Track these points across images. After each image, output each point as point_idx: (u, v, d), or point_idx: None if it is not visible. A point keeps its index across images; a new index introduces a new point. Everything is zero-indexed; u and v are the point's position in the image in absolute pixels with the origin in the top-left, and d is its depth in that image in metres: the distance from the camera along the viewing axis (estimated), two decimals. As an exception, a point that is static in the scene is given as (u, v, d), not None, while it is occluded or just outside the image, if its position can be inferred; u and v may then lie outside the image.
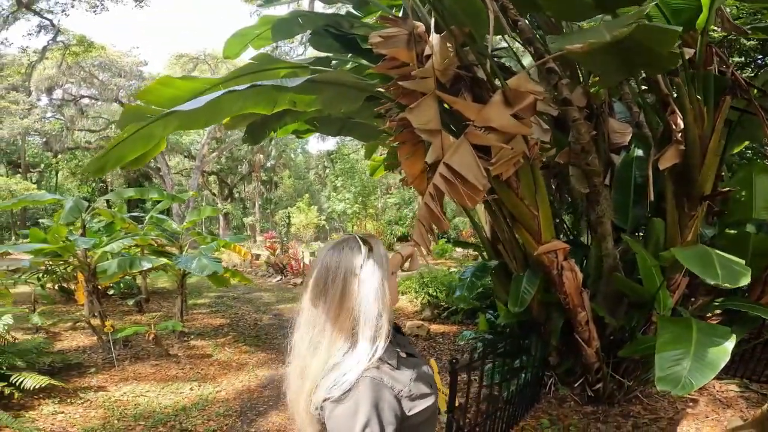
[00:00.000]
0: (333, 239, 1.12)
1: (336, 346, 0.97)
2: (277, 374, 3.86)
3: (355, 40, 2.97)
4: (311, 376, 0.97)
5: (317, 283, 1.02)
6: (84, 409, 2.97)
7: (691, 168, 2.94)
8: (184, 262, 4.30)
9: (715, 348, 1.90)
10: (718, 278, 2.01)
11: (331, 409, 0.92)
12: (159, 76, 18.78)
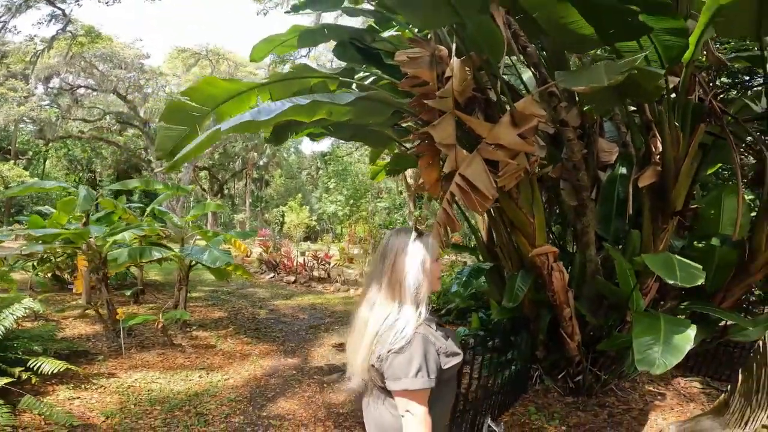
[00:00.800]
0: (398, 228, 1.40)
1: (387, 307, 1.25)
2: (280, 364, 3.98)
3: (378, 55, 3.16)
4: (370, 330, 1.24)
5: (380, 256, 1.32)
6: (99, 395, 3.05)
7: (665, 186, 3.23)
8: (196, 254, 4.37)
9: (680, 336, 2.18)
10: (677, 279, 2.31)
11: (391, 359, 1.18)
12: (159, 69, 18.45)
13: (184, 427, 2.66)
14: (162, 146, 2.96)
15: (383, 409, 1.32)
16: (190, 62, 16.99)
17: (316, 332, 5.20)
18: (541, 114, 2.70)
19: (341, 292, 8.05)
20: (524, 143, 2.69)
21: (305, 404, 3.11)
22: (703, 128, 3.17)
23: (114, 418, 2.68)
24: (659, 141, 3.25)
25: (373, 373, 1.26)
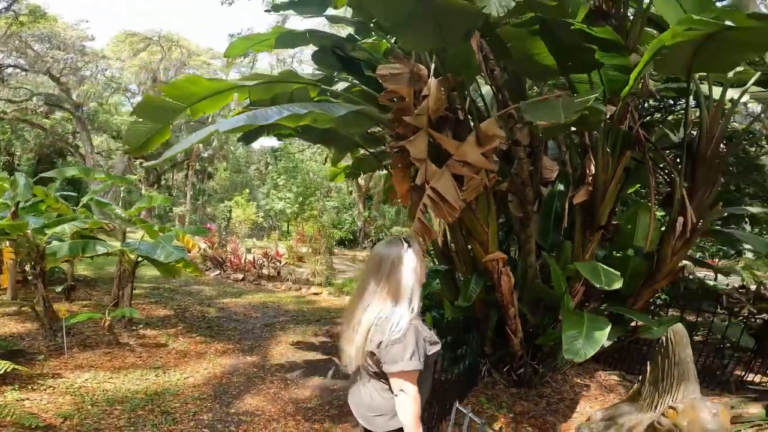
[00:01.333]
0: (391, 237, 1.59)
1: (384, 305, 1.47)
2: (239, 363, 3.93)
3: (359, 66, 3.26)
4: (364, 324, 1.46)
5: (375, 266, 1.52)
6: (49, 396, 2.83)
7: (594, 204, 3.69)
8: (146, 249, 4.15)
9: (598, 331, 2.59)
10: (602, 283, 2.73)
11: (390, 346, 1.40)
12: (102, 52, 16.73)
13: (152, 426, 2.58)
14: (131, 140, 2.85)
15: (374, 392, 1.53)
16: (139, 47, 15.66)
17: (272, 331, 5.16)
18: (502, 136, 2.99)
19: (293, 291, 7.98)
20: (486, 161, 2.97)
21: (272, 400, 3.14)
22: (629, 154, 3.67)
23: (73, 419, 2.53)
24: (593, 164, 3.71)
25: (368, 359, 1.47)
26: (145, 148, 2.99)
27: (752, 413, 3.23)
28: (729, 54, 2.78)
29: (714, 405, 2.16)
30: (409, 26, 2.21)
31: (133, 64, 15.65)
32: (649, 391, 2.71)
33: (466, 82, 2.82)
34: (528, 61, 2.73)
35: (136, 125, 2.81)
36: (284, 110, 2.22)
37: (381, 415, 1.52)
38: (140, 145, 2.87)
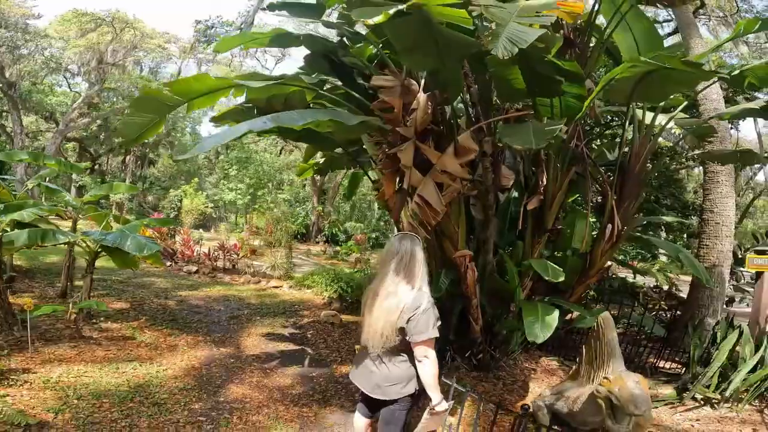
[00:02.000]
0: (400, 233, 1.89)
1: (407, 289, 1.81)
2: (214, 354, 3.94)
3: (350, 71, 3.41)
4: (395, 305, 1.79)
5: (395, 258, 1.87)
6: (28, 392, 2.69)
7: (543, 210, 4.17)
8: (115, 239, 3.97)
9: (550, 317, 3.03)
10: (549, 276, 3.21)
11: (417, 319, 1.75)
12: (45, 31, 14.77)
13: (147, 417, 2.58)
14: (126, 131, 2.79)
15: (391, 365, 1.87)
16: (89, 27, 14.10)
17: (239, 323, 5.15)
18: (476, 149, 3.33)
19: (252, 284, 7.87)
20: (463, 171, 3.30)
21: (257, 388, 3.23)
22: (573, 169, 4.20)
23: (64, 414, 2.45)
24: (545, 176, 4.20)
25: (397, 334, 1.79)
26: (138, 140, 2.92)
27: (665, 394, 3.88)
28: (663, 88, 3.37)
29: (636, 375, 2.66)
30: (415, 50, 2.44)
31: (78, 45, 14.09)
32: (586, 369, 3.19)
33: (451, 98, 3.10)
34: (504, 83, 3.08)
35: (132, 117, 2.76)
36: (306, 116, 2.36)
37: (396, 384, 1.85)
38: (134, 137, 2.81)
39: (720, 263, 4.96)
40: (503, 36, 2.04)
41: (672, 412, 3.54)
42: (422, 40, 2.30)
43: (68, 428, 2.34)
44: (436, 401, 1.82)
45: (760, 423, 3.30)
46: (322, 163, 5.59)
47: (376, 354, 1.86)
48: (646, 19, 4.14)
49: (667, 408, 3.62)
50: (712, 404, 3.58)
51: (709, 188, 5.08)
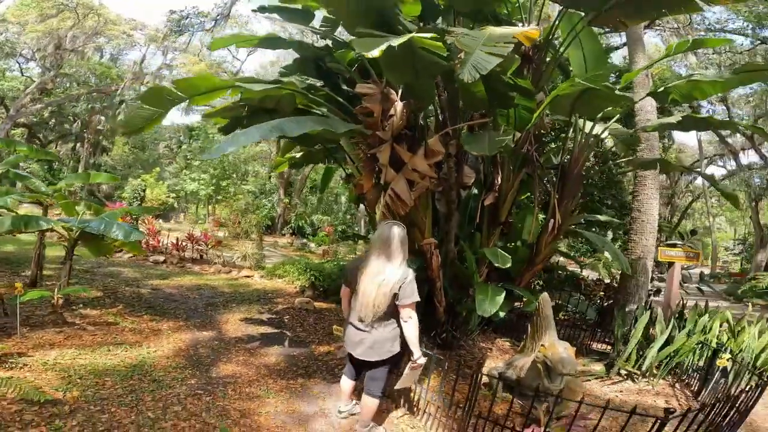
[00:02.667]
0: (387, 221, 2.32)
1: (393, 266, 2.29)
2: (198, 337, 4.14)
3: (336, 78, 3.72)
4: (383, 279, 2.27)
5: (384, 241, 2.33)
6: (31, 373, 2.79)
7: (498, 206, 4.70)
8: (100, 226, 4.03)
9: (498, 296, 3.54)
10: (499, 262, 3.74)
11: (405, 286, 2.25)
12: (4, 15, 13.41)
13: (150, 392, 2.79)
14: (132, 123, 3.00)
15: (383, 329, 2.34)
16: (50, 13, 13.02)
17: (216, 309, 5.32)
18: (443, 152, 3.77)
19: (223, 274, 7.94)
20: (431, 170, 3.73)
21: (245, 366, 3.50)
22: (524, 171, 4.76)
23: (72, 392, 2.60)
24: (499, 176, 4.72)
25: (385, 303, 2.27)
26: (141, 131, 3.08)
27: (596, 370, 4.53)
28: (595, 104, 3.96)
29: (565, 343, 3.23)
30: (397, 67, 2.80)
31: (36, 30, 13.04)
32: (530, 342, 3.75)
33: (424, 107, 3.50)
34: (469, 95, 3.54)
35: (139, 110, 2.95)
36: (304, 125, 2.66)
37: (386, 343, 2.34)
38: (138, 128, 2.99)
39: (644, 256, 5.73)
40: (469, 63, 2.45)
41: (601, 385, 4.13)
42: (403, 61, 2.67)
43: (80, 404, 2.52)
44: (417, 355, 2.28)
45: (671, 396, 3.91)
46: (299, 158, 5.82)
47: (368, 322, 2.28)
48: (595, 38, 4.76)
49: (597, 382, 4.20)
50: (633, 378, 4.19)
51: (638, 191, 5.85)
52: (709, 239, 23.58)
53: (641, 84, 5.84)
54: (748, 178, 22.72)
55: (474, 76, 2.37)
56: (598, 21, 4.28)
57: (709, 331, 4.27)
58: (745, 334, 4.23)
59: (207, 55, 16.13)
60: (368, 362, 2.39)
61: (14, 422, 2.23)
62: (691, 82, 4.15)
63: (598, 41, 4.97)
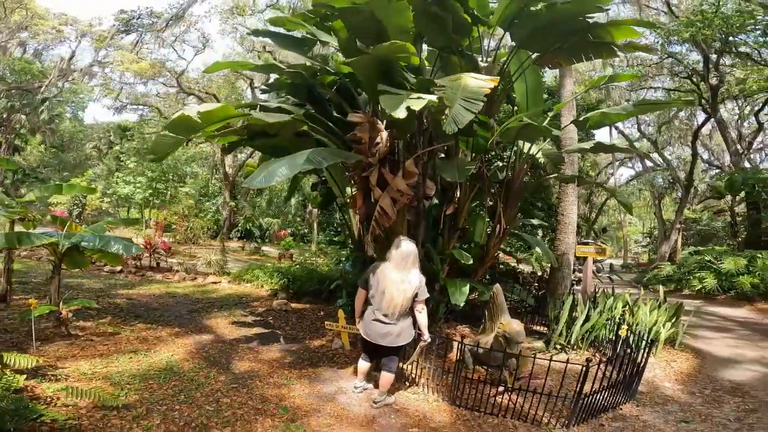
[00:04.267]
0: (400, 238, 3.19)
1: (413, 276, 3.24)
2: (201, 341, 4.65)
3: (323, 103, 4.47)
4: (407, 287, 3.20)
5: (407, 255, 3.26)
6: (80, 383, 3.07)
7: (457, 214, 5.77)
8: (95, 241, 4.36)
9: (464, 288, 4.60)
10: (463, 260, 4.79)
11: (421, 287, 3.23)
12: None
13: (194, 390, 3.29)
14: (158, 149, 3.51)
15: (403, 322, 3.23)
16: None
17: (201, 315, 5.76)
18: (416, 172, 4.71)
19: (188, 281, 8.18)
20: (408, 189, 4.65)
21: (256, 362, 4.13)
22: (477, 186, 5.88)
23: (129, 396, 3.00)
24: (458, 190, 5.80)
25: (409, 302, 3.17)
26: (165, 156, 3.58)
27: (537, 346, 5.76)
28: (533, 135, 5.16)
29: (516, 320, 4.35)
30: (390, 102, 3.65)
31: None
32: (489, 324, 4.84)
33: (403, 136, 4.42)
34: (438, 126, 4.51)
35: (163, 138, 3.46)
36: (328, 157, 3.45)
37: (407, 332, 3.26)
38: (164, 154, 3.51)
39: (567, 251, 7.20)
40: (450, 117, 3.40)
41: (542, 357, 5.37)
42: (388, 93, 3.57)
43: (146, 405, 2.96)
44: (427, 336, 3.23)
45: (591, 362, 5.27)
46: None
47: (394, 318, 3.16)
48: (537, 72, 6.02)
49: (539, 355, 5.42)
50: (565, 350, 5.48)
51: (562, 198, 7.32)
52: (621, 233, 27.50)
53: (568, 108, 7.31)
54: (653, 179, 27.03)
55: (454, 129, 3.32)
56: (541, 60, 5.55)
57: (614, 310, 5.73)
58: (640, 312, 5.76)
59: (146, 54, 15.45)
60: (391, 348, 3.25)
61: (107, 427, 2.61)
62: (603, 114, 5.55)
63: (539, 75, 6.29)
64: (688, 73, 18.66)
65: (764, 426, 3.60)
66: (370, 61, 3.70)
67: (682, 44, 16.50)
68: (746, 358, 5.63)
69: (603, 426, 3.41)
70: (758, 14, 13.18)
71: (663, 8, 18.13)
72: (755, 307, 10.09)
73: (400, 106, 3.19)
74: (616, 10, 19.80)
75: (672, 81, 21.84)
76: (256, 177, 3.25)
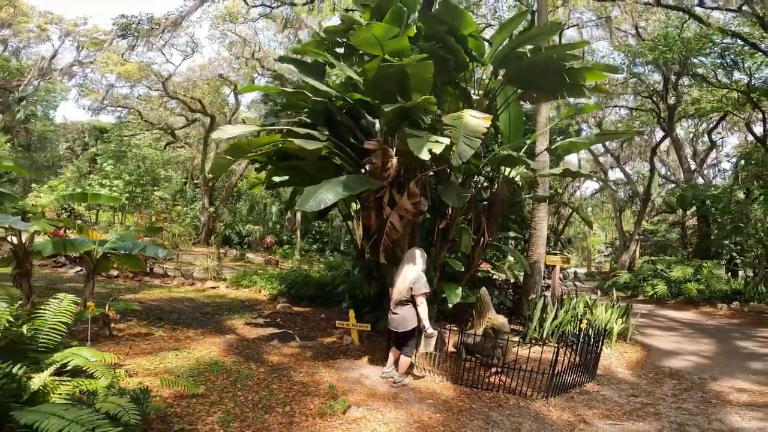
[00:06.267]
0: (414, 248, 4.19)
1: (412, 270, 4.28)
2: (227, 340, 5.36)
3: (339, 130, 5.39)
4: (405, 277, 4.29)
5: (412, 256, 4.44)
6: (150, 378, 3.64)
7: (448, 228, 6.78)
8: (134, 247, 5.03)
9: (457, 291, 5.64)
10: (457, 267, 5.80)
11: (417, 281, 4.23)
12: None
13: (245, 378, 3.99)
14: (216, 168, 4.33)
15: (406, 309, 4.23)
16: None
17: (215, 318, 6.44)
18: (418, 193, 5.68)
19: (188, 286, 8.74)
20: (413, 208, 5.61)
21: (282, 356, 4.91)
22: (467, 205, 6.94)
23: (198, 387, 3.67)
24: (450, 207, 6.82)
25: (406, 292, 4.18)
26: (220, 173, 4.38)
27: (515, 341, 6.85)
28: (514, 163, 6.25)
29: (501, 315, 5.39)
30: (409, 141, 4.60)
31: None
32: (478, 320, 5.86)
33: (409, 162, 5.38)
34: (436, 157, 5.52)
35: (221, 159, 4.29)
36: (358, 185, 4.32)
37: (406, 319, 4.16)
38: (221, 172, 4.32)
39: (538, 260, 8.41)
40: (456, 153, 4.39)
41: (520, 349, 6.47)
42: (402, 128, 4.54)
43: (215, 393, 3.65)
44: (427, 328, 4.12)
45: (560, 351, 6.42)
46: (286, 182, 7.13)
47: (395, 306, 4.09)
48: (518, 104, 7.15)
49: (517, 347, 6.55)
50: (539, 344, 6.61)
51: (534, 213, 8.54)
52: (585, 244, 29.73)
53: (543, 135, 8.54)
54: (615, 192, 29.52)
55: (459, 162, 4.32)
56: (522, 96, 6.69)
57: (576, 309, 6.93)
58: (597, 311, 6.99)
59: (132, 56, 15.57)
60: (400, 333, 4.17)
61: (195, 413, 3.24)
62: (571, 143, 6.77)
63: (520, 106, 7.45)
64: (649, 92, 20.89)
65: (692, 400, 4.78)
66: (399, 108, 4.66)
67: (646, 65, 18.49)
68: (686, 350, 6.96)
69: (573, 398, 4.48)
70: (716, 37, 15.07)
71: (631, 31, 20.31)
72: (700, 310, 11.76)
73: (423, 148, 4.15)
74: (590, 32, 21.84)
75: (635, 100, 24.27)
76: (307, 202, 4.08)
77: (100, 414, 2.39)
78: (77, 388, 2.75)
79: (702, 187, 20.18)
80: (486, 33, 19.61)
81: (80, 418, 2.29)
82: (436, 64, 5.50)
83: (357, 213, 7.22)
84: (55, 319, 3.33)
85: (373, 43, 4.84)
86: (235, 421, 3.28)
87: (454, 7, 5.75)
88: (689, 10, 15.39)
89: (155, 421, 3.10)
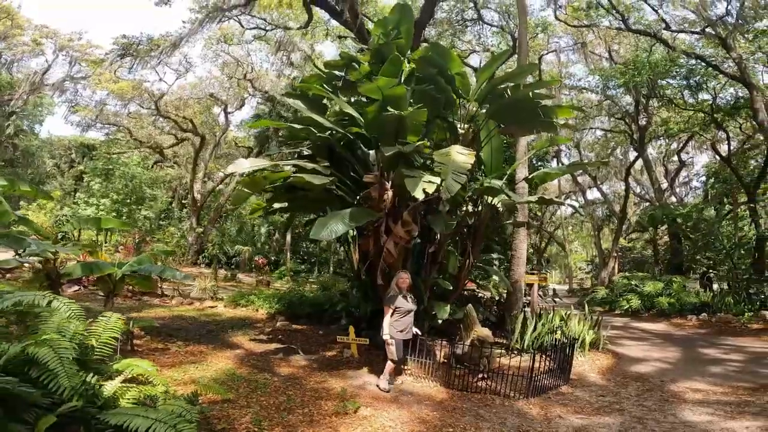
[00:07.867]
0: (401, 270, 5.03)
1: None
2: (239, 354, 5.98)
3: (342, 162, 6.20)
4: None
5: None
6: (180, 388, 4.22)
7: (438, 252, 7.60)
8: (158, 270, 5.67)
9: (446, 307, 6.47)
10: (446, 287, 6.62)
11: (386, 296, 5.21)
12: None
13: (265, 386, 4.63)
14: (237, 200, 5.07)
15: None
16: None
17: (220, 335, 7.03)
18: (410, 221, 6.50)
19: (187, 305, 9.24)
20: (406, 235, 6.42)
21: (291, 368, 5.55)
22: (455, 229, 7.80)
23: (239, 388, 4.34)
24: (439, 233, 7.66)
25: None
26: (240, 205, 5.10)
27: (499, 352, 7.68)
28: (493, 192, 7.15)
29: (486, 328, 6.18)
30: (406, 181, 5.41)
31: None
32: (465, 333, 6.64)
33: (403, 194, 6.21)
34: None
35: (241, 192, 5.02)
36: (361, 217, 5.08)
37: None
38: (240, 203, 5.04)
39: (519, 279, 9.33)
40: (445, 187, 5.23)
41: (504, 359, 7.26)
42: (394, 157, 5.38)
43: (242, 399, 4.29)
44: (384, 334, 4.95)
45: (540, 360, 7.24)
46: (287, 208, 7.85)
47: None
48: (500, 137, 8.10)
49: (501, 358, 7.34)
50: (521, 354, 7.42)
51: (514, 237, 9.49)
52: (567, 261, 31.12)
53: (522, 163, 9.55)
54: (593, 211, 31.17)
55: (448, 196, 5.17)
56: (503, 130, 7.67)
57: (553, 322, 7.82)
58: (571, 323, 7.89)
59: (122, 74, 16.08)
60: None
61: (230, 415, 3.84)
62: (545, 173, 7.76)
63: (501, 139, 8.43)
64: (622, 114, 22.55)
65: (653, 398, 5.62)
66: (398, 152, 5.51)
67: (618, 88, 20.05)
68: (652, 357, 7.88)
69: (550, 398, 5.28)
70: (681, 60, 16.49)
71: (605, 54, 22.05)
72: (671, 322, 12.85)
73: (418, 188, 4.98)
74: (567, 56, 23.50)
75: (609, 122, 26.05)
76: (321, 231, 4.85)
77: (171, 414, 3.00)
78: (141, 393, 3.37)
79: (673, 205, 21.73)
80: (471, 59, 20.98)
81: (162, 417, 2.88)
82: (428, 102, 6.41)
83: (353, 239, 7.99)
84: (106, 334, 3.95)
85: (375, 91, 5.71)
86: (264, 420, 3.93)
87: (443, 49, 6.74)
88: (656, 35, 16.90)
89: (200, 422, 3.73)
